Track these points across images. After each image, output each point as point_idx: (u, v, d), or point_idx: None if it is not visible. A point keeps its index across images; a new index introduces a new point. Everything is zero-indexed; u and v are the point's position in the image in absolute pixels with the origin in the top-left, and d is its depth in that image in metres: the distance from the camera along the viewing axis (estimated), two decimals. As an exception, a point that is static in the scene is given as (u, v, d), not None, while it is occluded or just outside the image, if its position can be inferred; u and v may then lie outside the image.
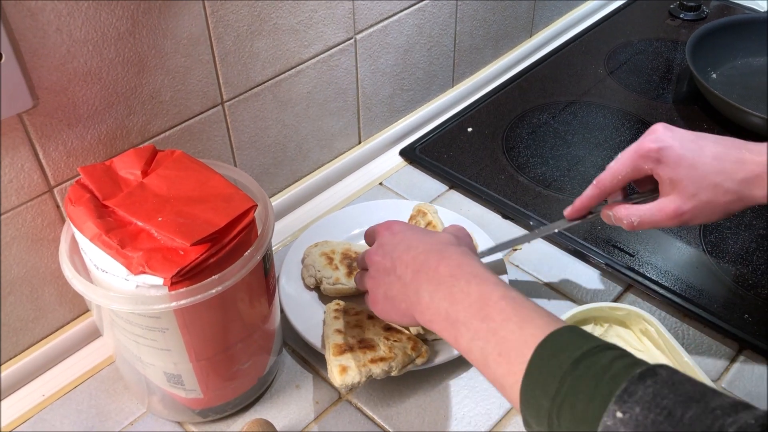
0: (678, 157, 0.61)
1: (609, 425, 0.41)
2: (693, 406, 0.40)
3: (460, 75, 1.08)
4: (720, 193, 0.60)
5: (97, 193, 0.58)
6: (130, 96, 0.67)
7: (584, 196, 0.68)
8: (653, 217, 0.63)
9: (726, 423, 0.38)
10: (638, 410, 0.40)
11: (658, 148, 0.62)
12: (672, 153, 0.61)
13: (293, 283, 0.77)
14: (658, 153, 0.62)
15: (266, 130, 0.83)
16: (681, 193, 0.61)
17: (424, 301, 0.57)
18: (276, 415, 0.68)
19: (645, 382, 0.42)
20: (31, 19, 0.57)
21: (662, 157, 0.61)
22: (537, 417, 0.46)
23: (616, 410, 0.41)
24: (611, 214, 0.66)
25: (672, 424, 0.39)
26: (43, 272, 0.69)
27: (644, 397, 0.41)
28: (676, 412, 0.40)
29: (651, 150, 0.62)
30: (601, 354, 0.45)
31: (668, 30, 1.21)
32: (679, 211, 0.61)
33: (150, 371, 0.63)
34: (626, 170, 0.64)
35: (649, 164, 0.62)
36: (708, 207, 0.61)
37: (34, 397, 0.70)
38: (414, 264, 0.59)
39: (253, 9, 0.73)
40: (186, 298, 0.54)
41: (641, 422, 0.40)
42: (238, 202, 0.58)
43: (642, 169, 0.63)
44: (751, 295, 0.76)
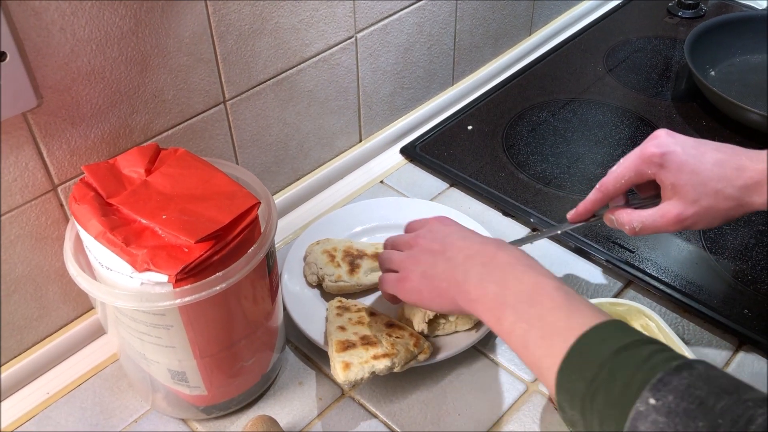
0: (680, 162, 0.62)
1: (641, 410, 0.42)
2: (725, 397, 0.41)
3: (460, 73, 1.08)
4: (721, 199, 0.61)
5: (101, 192, 0.59)
6: (133, 95, 0.67)
7: (587, 200, 0.69)
8: (655, 223, 0.63)
9: (756, 413, 0.39)
10: (671, 398, 0.42)
11: (661, 153, 0.62)
12: (675, 158, 0.62)
13: (295, 281, 0.78)
14: (661, 158, 0.62)
15: (268, 128, 0.83)
16: (683, 199, 0.62)
17: (472, 281, 0.58)
18: (279, 411, 0.69)
19: (681, 374, 0.43)
20: (36, 19, 0.57)
21: (665, 162, 0.62)
22: (571, 400, 0.47)
23: (650, 397, 0.42)
24: (614, 218, 0.67)
25: (703, 412, 0.40)
26: (47, 270, 0.69)
27: (678, 387, 0.42)
28: (708, 402, 0.41)
29: (654, 155, 0.63)
30: (643, 347, 0.46)
31: (667, 28, 1.22)
32: (681, 217, 0.62)
33: (154, 368, 0.63)
34: (629, 174, 0.65)
35: (652, 169, 0.63)
36: (709, 213, 0.62)
37: (38, 394, 0.70)
38: (468, 250, 0.61)
39: (255, 8, 0.73)
40: (190, 295, 0.55)
41: (673, 409, 0.41)
42: (241, 199, 0.58)
43: (645, 173, 0.64)
44: (750, 290, 0.77)
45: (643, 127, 1.00)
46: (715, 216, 0.62)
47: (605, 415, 0.45)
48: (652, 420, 0.42)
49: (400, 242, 0.69)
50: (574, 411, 0.47)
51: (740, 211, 0.62)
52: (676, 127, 0.99)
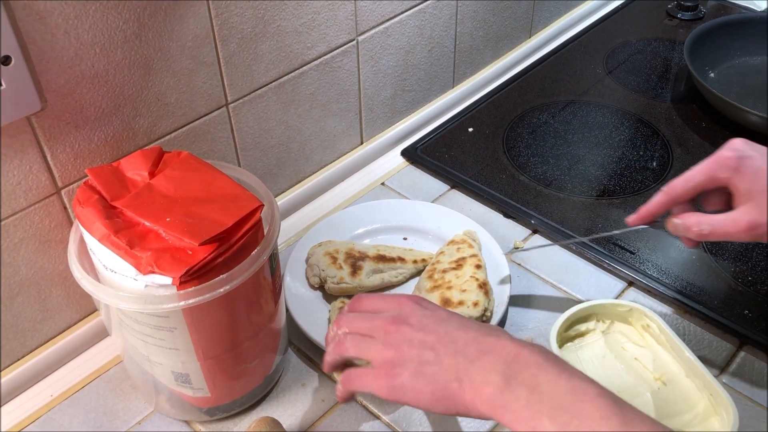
0: (757, 167, 0.59)
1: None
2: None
3: (460, 75, 1.09)
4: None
5: (105, 194, 0.59)
6: (137, 98, 0.68)
7: (652, 202, 0.65)
8: (726, 228, 0.59)
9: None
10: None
11: (737, 157, 0.59)
12: (751, 163, 0.59)
13: (298, 283, 0.78)
14: (737, 162, 0.59)
15: (270, 131, 0.83)
16: (758, 206, 0.58)
17: (494, 383, 0.49)
18: (282, 413, 0.69)
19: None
20: (40, 23, 0.57)
21: (741, 165, 0.59)
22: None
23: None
24: (679, 222, 0.63)
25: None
26: (50, 273, 0.69)
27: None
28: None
29: (730, 158, 0.60)
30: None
31: (666, 30, 1.22)
32: (754, 224, 0.58)
33: (158, 370, 0.63)
34: (701, 177, 0.61)
35: (726, 173, 0.60)
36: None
37: (42, 397, 0.71)
38: (479, 344, 0.51)
39: (257, 11, 0.74)
40: (194, 298, 0.55)
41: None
42: (244, 202, 0.59)
43: (718, 177, 0.60)
44: (751, 291, 0.77)
45: (643, 129, 1.01)
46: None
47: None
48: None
49: (365, 326, 0.56)
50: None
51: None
52: (676, 129, 1.00)
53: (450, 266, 0.76)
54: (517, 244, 0.85)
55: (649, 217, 0.66)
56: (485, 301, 0.72)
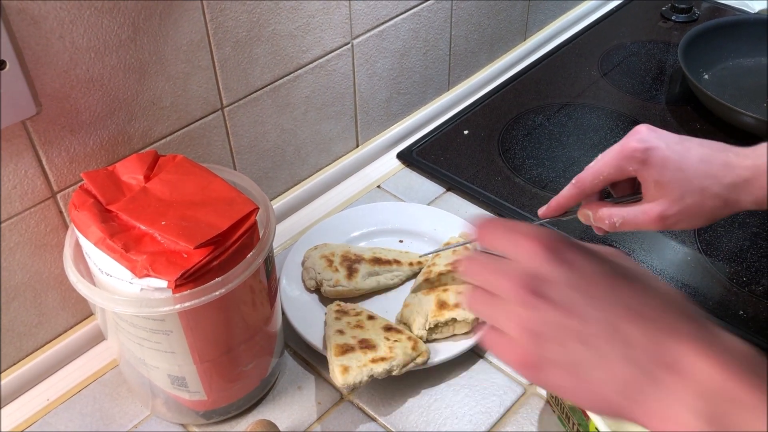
0: (664, 158, 0.59)
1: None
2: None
3: (455, 78, 1.09)
4: (707, 197, 0.58)
5: (100, 198, 0.59)
6: (132, 102, 0.68)
7: (561, 195, 0.66)
8: (636, 219, 0.60)
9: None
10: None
11: (644, 149, 0.59)
12: (658, 154, 0.59)
13: (294, 286, 0.78)
14: (644, 153, 0.59)
15: (265, 134, 0.84)
16: (666, 197, 0.59)
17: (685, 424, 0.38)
18: (279, 416, 0.69)
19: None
20: (35, 27, 0.57)
21: (648, 158, 0.59)
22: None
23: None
24: (590, 214, 0.64)
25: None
26: (46, 277, 0.69)
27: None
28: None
29: (637, 150, 0.60)
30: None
31: (660, 32, 1.23)
32: (663, 215, 0.59)
33: (154, 374, 0.63)
34: (609, 170, 0.62)
35: (633, 165, 0.60)
36: (693, 211, 0.59)
37: (38, 401, 0.71)
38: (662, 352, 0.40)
39: (252, 15, 0.74)
40: (190, 300, 0.55)
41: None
42: (240, 205, 0.59)
43: (626, 170, 0.61)
44: (745, 292, 0.78)
45: (638, 131, 1.01)
46: (699, 215, 0.59)
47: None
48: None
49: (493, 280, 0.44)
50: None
51: (726, 210, 0.59)
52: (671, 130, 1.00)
53: (446, 268, 0.76)
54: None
55: (559, 210, 0.67)
56: (481, 303, 0.72)
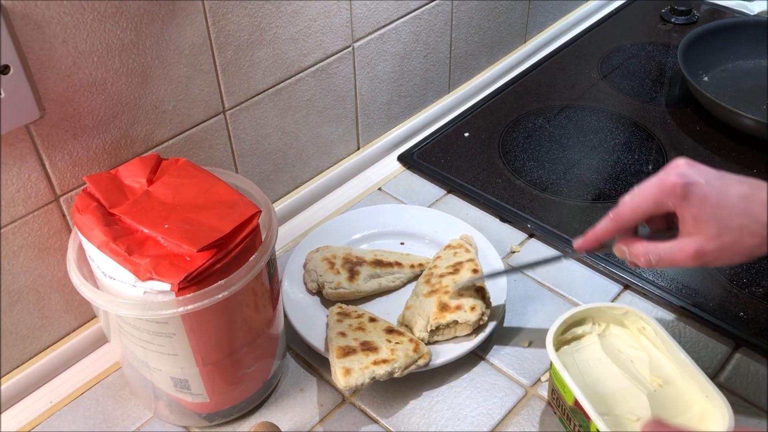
0: (704, 194, 0.57)
1: None
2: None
3: (456, 81, 1.09)
4: (746, 235, 0.57)
5: (103, 202, 0.59)
6: (134, 106, 0.68)
7: (599, 229, 0.64)
8: (673, 257, 0.59)
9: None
10: None
11: (684, 183, 0.58)
12: (698, 190, 0.58)
13: (296, 288, 0.78)
14: (684, 189, 0.58)
15: (267, 137, 0.84)
16: (704, 234, 0.57)
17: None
18: (281, 418, 0.69)
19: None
20: (38, 32, 0.58)
21: (688, 193, 0.58)
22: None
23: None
24: (626, 250, 0.63)
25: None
26: (49, 280, 0.70)
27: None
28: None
29: (676, 185, 0.58)
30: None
31: (660, 34, 1.23)
32: (700, 251, 0.57)
33: (157, 376, 0.64)
34: (648, 205, 0.60)
35: (673, 200, 0.58)
36: (731, 249, 0.57)
37: (42, 403, 0.71)
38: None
39: (254, 19, 0.74)
40: (193, 303, 0.55)
41: None
42: (242, 208, 0.59)
43: (665, 205, 0.59)
44: (745, 293, 0.78)
45: (638, 133, 1.02)
46: (737, 253, 0.57)
47: None
48: None
49: None
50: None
51: (764, 249, 0.57)
52: (670, 132, 1.01)
53: (447, 271, 0.77)
54: (514, 249, 0.85)
55: (596, 243, 0.65)
56: (482, 306, 0.72)
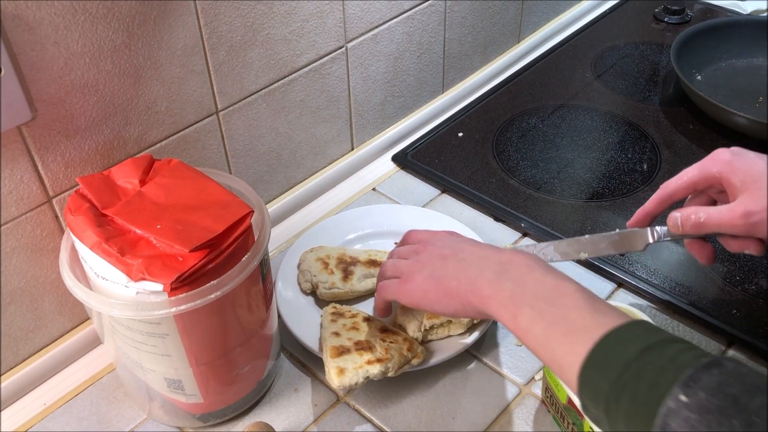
0: (750, 162, 0.60)
1: (672, 407, 0.42)
2: (759, 395, 0.40)
3: (449, 81, 1.10)
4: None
5: (96, 203, 0.59)
6: (127, 107, 0.68)
7: (647, 202, 0.67)
8: (721, 216, 0.60)
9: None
10: (703, 395, 0.41)
11: (730, 152, 0.61)
12: (744, 158, 0.61)
13: (290, 289, 0.78)
14: (730, 156, 0.61)
15: (260, 138, 0.84)
16: (752, 195, 0.59)
17: (486, 278, 0.58)
18: (275, 418, 0.69)
19: (711, 371, 0.42)
20: (30, 34, 0.58)
21: (733, 161, 0.61)
22: (595, 399, 0.47)
23: (680, 393, 0.42)
24: (678, 215, 0.63)
25: (738, 410, 0.40)
26: (42, 282, 0.70)
27: (710, 384, 0.42)
28: (741, 399, 0.40)
29: (723, 153, 0.62)
30: (669, 345, 0.46)
31: (653, 33, 1.24)
32: (748, 211, 0.58)
33: (151, 377, 0.64)
34: (694, 172, 0.63)
35: (718, 167, 0.61)
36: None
37: (35, 405, 0.71)
38: (482, 252, 0.62)
39: (246, 20, 0.74)
40: (186, 304, 0.56)
41: (705, 406, 0.41)
42: (235, 208, 0.59)
43: (711, 173, 0.62)
44: (738, 291, 0.78)
45: (632, 132, 1.02)
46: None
47: (632, 413, 0.44)
48: (684, 417, 0.41)
49: (405, 251, 0.69)
50: (598, 410, 0.47)
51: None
52: (664, 131, 1.01)
53: (441, 270, 0.77)
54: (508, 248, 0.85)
55: (645, 217, 0.67)
56: (476, 304, 0.72)
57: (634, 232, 0.67)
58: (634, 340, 0.48)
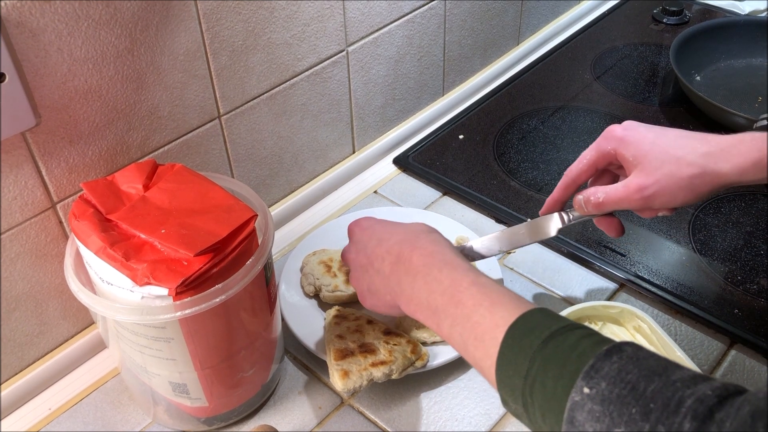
0: (641, 135, 0.62)
1: (577, 401, 0.43)
2: (655, 380, 0.42)
3: (450, 84, 1.10)
4: (683, 165, 0.59)
5: (100, 208, 0.60)
6: (130, 112, 0.68)
7: (554, 190, 0.69)
8: (617, 193, 0.62)
9: (685, 394, 0.40)
10: (604, 385, 0.43)
11: (622, 128, 0.63)
12: (635, 132, 0.62)
13: (293, 292, 0.79)
14: (622, 132, 0.63)
15: (262, 142, 0.84)
16: (644, 168, 0.61)
17: (406, 292, 0.59)
18: (280, 421, 0.69)
19: (611, 359, 0.44)
20: (33, 40, 0.58)
21: (625, 135, 0.63)
22: (512, 395, 0.48)
23: (584, 386, 0.43)
24: (581, 198, 0.65)
25: (635, 397, 0.41)
26: (47, 287, 0.70)
27: (610, 373, 0.43)
28: (639, 386, 0.42)
29: (615, 129, 0.64)
30: (569, 333, 0.47)
31: (652, 34, 1.24)
32: (642, 185, 0.60)
33: (155, 381, 0.64)
34: (591, 153, 0.65)
35: (612, 144, 0.63)
36: (672, 182, 0.59)
37: (40, 410, 0.71)
38: (389, 257, 0.62)
39: (248, 25, 0.75)
40: (190, 308, 0.56)
41: (607, 396, 0.42)
42: (238, 212, 0.59)
43: (605, 150, 0.64)
44: (740, 290, 0.78)
45: (632, 133, 1.02)
46: (678, 185, 0.59)
47: (545, 407, 0.46)
48: (588, 409, 0.42)
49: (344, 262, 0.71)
50: (517, 405, 0.48)
51: (706, 180, 0.59)
52: (664, 132, 1.01)
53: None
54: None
55: (555, 204, 0.70)
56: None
57: (544, 218, 0.70)
58: (535, 330, 0.49)
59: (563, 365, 0.45)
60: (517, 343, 0.49)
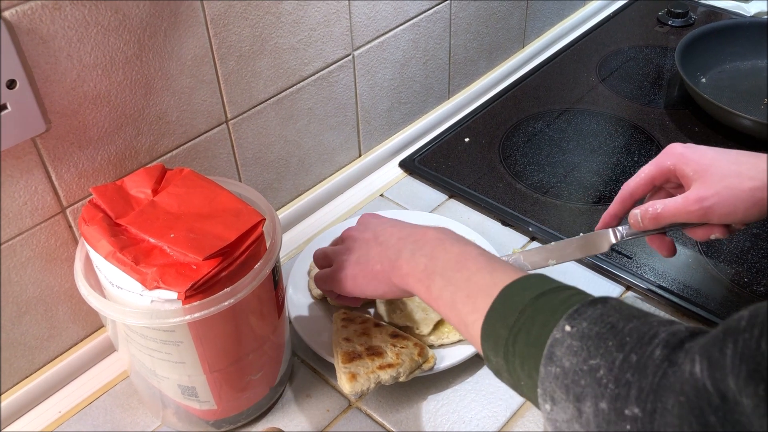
0: (701, 152, 0.63)
1: (557, 338, 0.45)
2: (634, 321, 0.44)
3: (455, 87, 1.10)
4: (745, 178, 0.59)
5: (109, 212, 0.60)
6: (138, 117, 0.69)
7: (610, 205, 0.70)
8: (677, 205, 0.62)
9: (659, 330, 0.42)
10: (585, 324, 0.45)
11: (682, 145, 0.64)
12: (695, 149, 0.64)
13: (300, 295, 0.79)
14: (682, 149, 0.64)
15: (269, 146, 0.85)
16: (705, 182, 0.61)
17: (404, 257, 0.62)
18: (288, 424, 0.70)
19: (595, 306, 0.46)
20: (44, 47, 0.59)
21: (686, 152, 0.64)
22: (495, 347, 0.50)
23: (566, 325, 0.45)
24: (638, 212, 0.65)
25: (613, 333, 0.43)
26: (57, 291, 0.70)
27: (592, 315, 0.45)
28: (618, 325, 0.44)
29: (675, 147, 0.65)
30: (561, 291, 0.49)
31: (657, 37, 1.24)
32: (701, 196, 0.60)
33: (164, 384, 0.64)
34: (649, 168, 0.66)
35: (672, 159, 0.64)
36: (732, 194, 0.60)
37: (50, 413, 0.72)
38: (400, 233, 0.65)
39: (255, 30, 0.75)
40: (200, 311, 0.56)
41: (586, 333, 0.44)
42: (246, 216, 0.60)
43: (665, 165, 0.65)
44: (747, 292, 0.78)
45: (637, 135, 1.02)
46: (739, 197, 0.59)
47: (525, 354, 0.47)
48: (567, 345, 0.44)
49: (333, 242, 0.74)
50: (498, 358, 0.50)
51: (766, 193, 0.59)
52: (669, 134, 1.02)
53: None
54: (516, 252, 0.86)
55: (611, 219, 0.70)
56: (485, 309, 0.73)
57: (597, 234, 0.70)
58: (530, 288, 0.51)
59: (551, 314, 0.47)
60: (509, 298, 0.51)
